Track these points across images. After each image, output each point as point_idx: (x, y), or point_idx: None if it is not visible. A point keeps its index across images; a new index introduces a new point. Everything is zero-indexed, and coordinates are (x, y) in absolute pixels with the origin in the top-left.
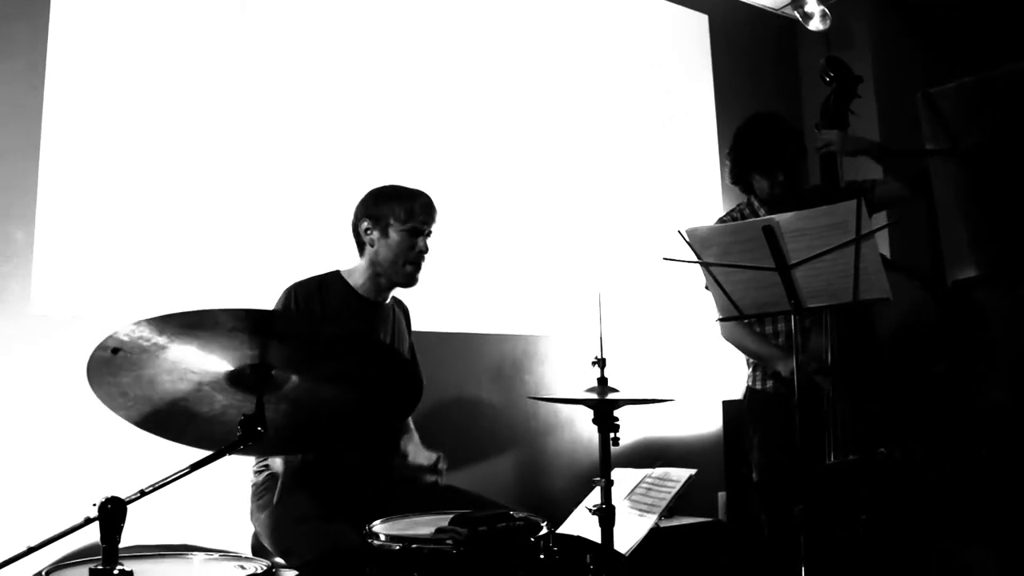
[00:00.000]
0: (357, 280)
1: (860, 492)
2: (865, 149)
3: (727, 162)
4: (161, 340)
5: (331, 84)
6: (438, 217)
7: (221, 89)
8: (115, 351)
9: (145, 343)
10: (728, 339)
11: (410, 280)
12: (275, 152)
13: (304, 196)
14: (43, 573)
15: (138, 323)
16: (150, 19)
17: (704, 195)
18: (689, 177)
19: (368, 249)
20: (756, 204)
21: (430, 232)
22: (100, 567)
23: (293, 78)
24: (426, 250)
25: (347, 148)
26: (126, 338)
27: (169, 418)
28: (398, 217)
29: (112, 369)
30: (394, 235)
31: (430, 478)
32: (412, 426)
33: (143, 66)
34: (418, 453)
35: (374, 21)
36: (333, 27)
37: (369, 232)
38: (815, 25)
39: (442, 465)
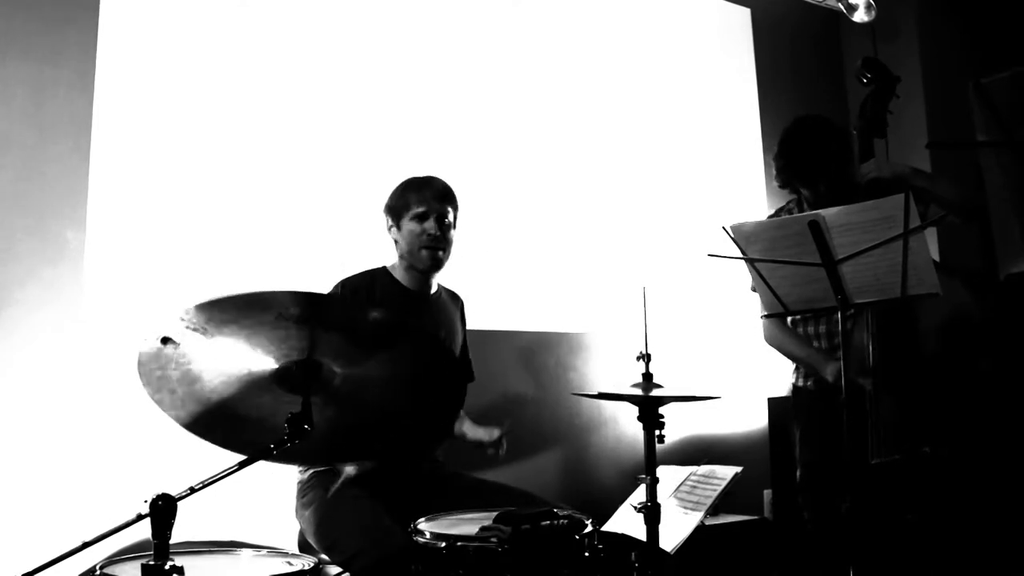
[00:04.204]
0: (399, 275)
1: (905, 492)
2: (901, 175)
3: (773, 168)
4: (209, 328)
5: (377, 86)
6: (478, 209)
7: (265, 90)
8: (164, 340)
9: (193, 330)
10: (771, 343)
11: (431, 262)
12: (321, 153)
13: (349, 195)
14: (97, 567)
15: (187, 310)
16: (197, 22)
17: (748, 190)
18: (732, 172)
19: (396, 245)
20: (805, 205)
21: (443, 214)
22: (152, 562)
23: (338, 82)
24: (437, 231)
25: (394, 148)
26: (174, 326)
27: (217, 421)
28: (405, 207)
29: (161, 362)
30: (405, 224)
31: (491, 451)
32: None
33: (189, 69)
34: (475, 430)
35: (418, 19)
36: (376, 29)
37: (391, 229)
38: (859, 17)
39: (498, 435)
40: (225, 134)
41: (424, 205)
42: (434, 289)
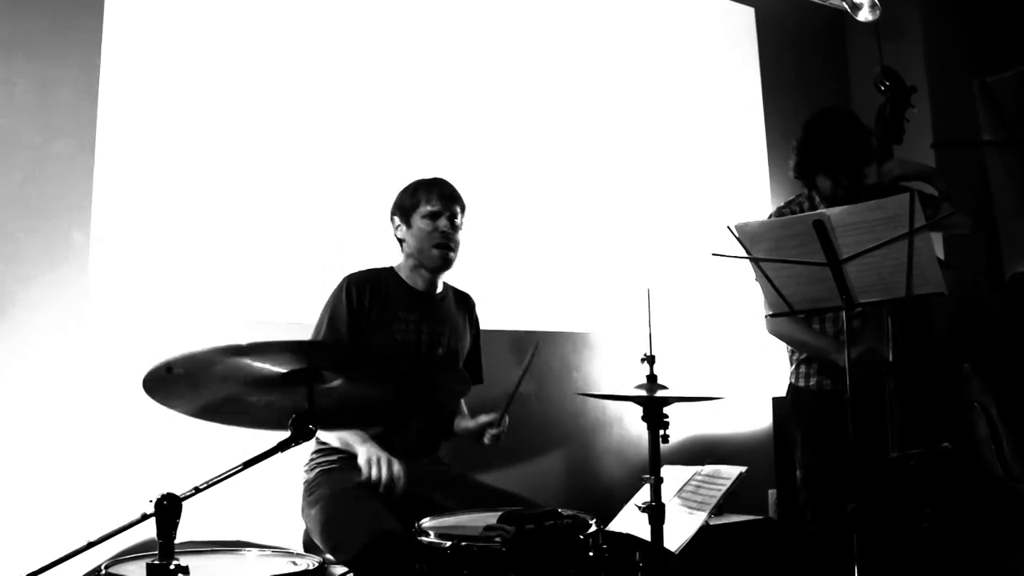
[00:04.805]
0: (405, 274)
1: (924, 487)
2: (924, 174)
3: (792, 155)
4: (213, 358)
5: (383, 87)
6: (483, 209)
7: (269, 90)
8: (168, 370)
9: (197, 363)
10: (775, 332)
11: (442, 261)
12: (327, 153)
13: (354, 194)
14: (102, 567)
15: (187, 357)
16: (202, 22)
17: (753, 189)
18: (737, 172)
19: (403, 244)
20: (817, 200)
21: (454, 214)
22: (157, 562)
23: (343, 80)
24: (450, 230)
25: (400, 149)
26: (179, 364)
27: (223, 407)
28: (415, 206)
29: (166, 383)
30: (416, 223)
31: (493, 431)
32: (464, 407)
33: (194, 69)
34: (475, 420)
35: (422, 21)
36: (382, 32)
37: (399, 228)
38: (864, 16)
39: (503, 420)
40: (230, 134)
41: (437, 204)
42: (439, 289)
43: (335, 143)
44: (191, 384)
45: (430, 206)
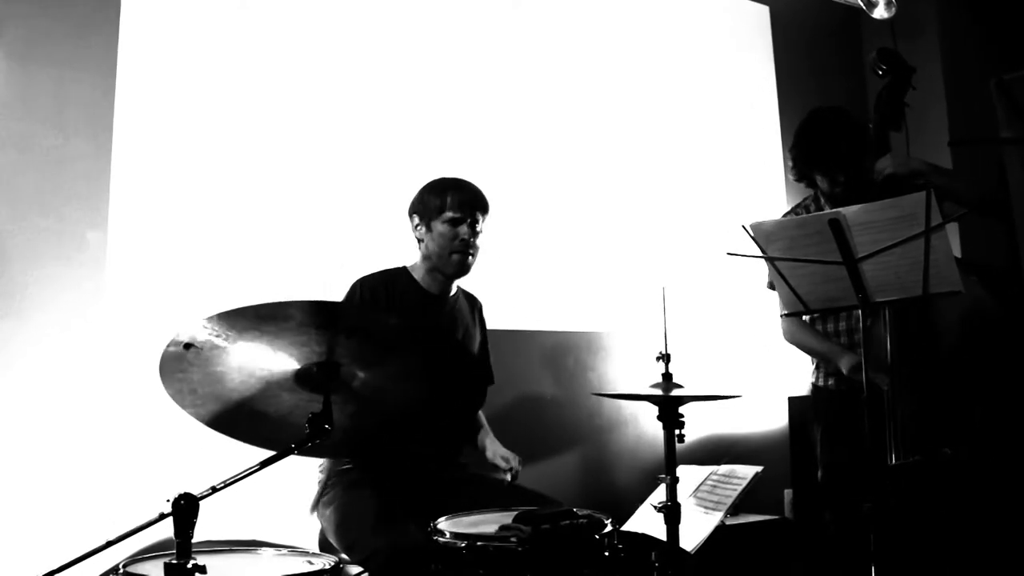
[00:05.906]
0: (419, 275)
1: (925, 494)
2: (918, 171)
3: (789, 161)
4: (231, 335)
5: (397, 87)
6: (495, 210)
7: (283, 92)
8: (187, 346)
9: (216, 338)
10: (790, 340)
11: (460, 268)
12: (338, 154)
13: (364, 196)
14: (120, 566)
15: (210, 319)
16: (217, 26)
17: (767, 188)
18: (752, 170)
19: (420, 245)
20: (822, 200)
21: (476, 220)
22: (174, 561)
23: (355, 85)
24: (471, 237)
25: (412, 150)
26: (197, 334)
27: (238, 418)
28: (437, 209)
29: (183, 365)
30: (437, 227)
31: (502, 475)
32: (485, 422)
33: (209, 72)
34: (496, 449)
35: (435, 22)
36: (394, 33)
37: (418, 228)
38: (879, 13)
39: (517, 465)
40: (245, 135)
41: (459, 210)
42: (452, 291)
43: (348, 144)
44: (206, 377)
45: (451, 212)
